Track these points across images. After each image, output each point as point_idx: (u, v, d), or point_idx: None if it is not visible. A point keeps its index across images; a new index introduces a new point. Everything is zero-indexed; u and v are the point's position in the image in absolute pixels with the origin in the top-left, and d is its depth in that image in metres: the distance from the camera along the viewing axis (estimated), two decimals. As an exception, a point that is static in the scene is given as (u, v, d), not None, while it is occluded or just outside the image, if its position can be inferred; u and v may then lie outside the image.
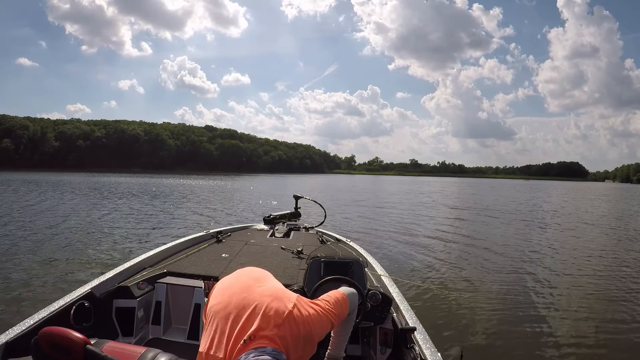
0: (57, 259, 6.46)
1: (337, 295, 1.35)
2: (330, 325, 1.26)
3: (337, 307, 1.30)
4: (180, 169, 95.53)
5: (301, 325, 1.11)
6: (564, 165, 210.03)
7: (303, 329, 1.11)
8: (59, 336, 1.15)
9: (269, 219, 4.72)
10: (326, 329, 1.24)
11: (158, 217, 12.31)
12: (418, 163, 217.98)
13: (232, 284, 1.24)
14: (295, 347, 1.07)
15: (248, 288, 1.19)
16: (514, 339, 3.99)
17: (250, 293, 1.16)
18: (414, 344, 1.91)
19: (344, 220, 12.65)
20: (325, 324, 1.23)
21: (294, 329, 1.08)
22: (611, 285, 5.96)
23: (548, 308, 4.88)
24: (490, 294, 5.37)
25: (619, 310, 4.89)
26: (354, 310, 1.48)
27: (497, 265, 7.11)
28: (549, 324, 4.37)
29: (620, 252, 8.78)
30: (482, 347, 3.80)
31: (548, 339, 4.00)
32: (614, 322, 4.49)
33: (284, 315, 1.08)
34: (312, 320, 1.16)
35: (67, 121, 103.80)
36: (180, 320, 2.63)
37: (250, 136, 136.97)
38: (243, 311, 1.09)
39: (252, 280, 1.25)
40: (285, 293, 1.20)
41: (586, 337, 4.10)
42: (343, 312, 1.35)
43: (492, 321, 4.39)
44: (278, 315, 1.07)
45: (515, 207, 20.62)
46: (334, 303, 1.30)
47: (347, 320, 1.50)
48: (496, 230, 11.78)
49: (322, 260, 2.28)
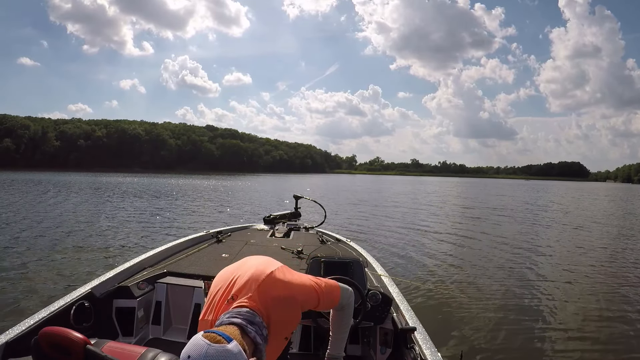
0: (57, 258, 6.47)
1: (328, 280, 1.38)
2: (316, 295, 1.27)
3: (325, 286, 1.32)
4: (181, 169, 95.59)
5: (281, 286, 1.17)
6: (565, 165, 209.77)
7: (284, 290, 1.17)
8: (59, 336, 1.15)
9: (269, 219, 4.72)
10: (310, 297, 1.26)
11: (158, 217, 12.33)
12: (419, 163, 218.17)
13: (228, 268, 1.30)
14: (276, 308, 1.12)
15: (240, 264, 1.27)
16: (515, 339, 3.99)
17: (243, 264, 1.24)
18: (414, 344, 1.91)
19: (344, 220, 12.65)
20: (308, 291, 1.26)
21: (273, 289, 1.14)
22: (615, 287, 5.93)
23: (549, 308, 4.88)
24: (490, 293, 5.37)
25: (622, 311, 4.87)
26: (349, 306, 1.46)
27: (498, 265, 7.10)
28: (550, 324, 4.37)
29: (628, 253, 8.72)
30: (482, 347, 3.79)
31: (549, 339, 3.99)
32: (616, 323, 4.48)
33: (264, 276, 1.15)
34: (294, 284, 1.22)
35: (67, 121, 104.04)
36: (181, 320, 2.63)
37: (251, 136, 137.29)
38: (232, 278, 1.17)
39: (245, 259, 1.32)
40: (271, 260, 1.27)
41: (587, 337, 4.10)
42: (332, 296, 1.35)
43: (493, 321, 4.38)
44: (259, 276, 1.15)
45: (517, 207, 20.60)
46: (322, 280, 1.34)
47: (344, 317, 1.49)
48: (497, 230, 11.76)
49: (322, 260, 2.28)
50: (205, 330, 0.92)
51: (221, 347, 0.86)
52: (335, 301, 1.38)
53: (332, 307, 1.42)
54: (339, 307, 1.43)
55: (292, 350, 2.44)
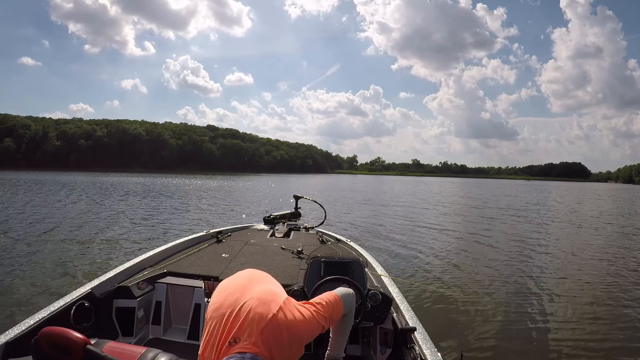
0: (57, 258, 6.47)
1: (330, 298, 1.35)
2: (320, 328, 1.26)
3: (328, 310, 1.30)
4: (182, 169, 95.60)
5: (285, 329, 1.12)
6: (566, 166, 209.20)
7: (287, 332, 1.13)
8: (59, 336, 1.15)
9: (269, 219, 4.72)
10: (315, 332, 1.24)
11: (158, 217, 12.33)
12: (420, 163, 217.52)
13: (230, 285, 1.26)
14: (280, 350, 1.10)
15: (242, 289, 1.22)
16: (515, 339, 3.98)
17: (242, 294, 1.19)
18: (414, 344, 1.91)
19: (344, 220, 12.64)
20: (313, 327, 1.23)
21: (277, 333, 1.10)
22: (618, 287, 5.89)
23: (550, 308, 4.87)
24: (491, 293, 5.36)
25: (624, 312, 4.86)
26: (351, 311, 1.47)
27: (498, 265, 7.08)
28: (551, 324, 4.36)
29: (631, 255, 8.69)
30: (482, 347, 3.79)
31: (549, 340, 3.98)
32: (617, 324, 4.47)
33: (266, 319, 1.10)
34: (298, 324, 1.17)
35: (68, 120, 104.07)
36: (181, 320, 2.63)
37: (252, 136, 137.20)
38: (232, 313, 1.12)
39: (248, 281, 1.27)
40: (274, 296, 1.21)
41: (588, 337, 4.09)
42: (336, 313, 1.35)
43: (493, 321, 4.38)
44: (262, 319, 1.10)
45: (518, 207, 20.57)
46: (325, 305, 1.31)
47: (345, 320, 1.50)
48: (499, 230, 11.75)
49: (322, 260, 2.28)
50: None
51: None
52: (339, 316, 1.38)
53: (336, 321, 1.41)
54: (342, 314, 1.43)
55: None
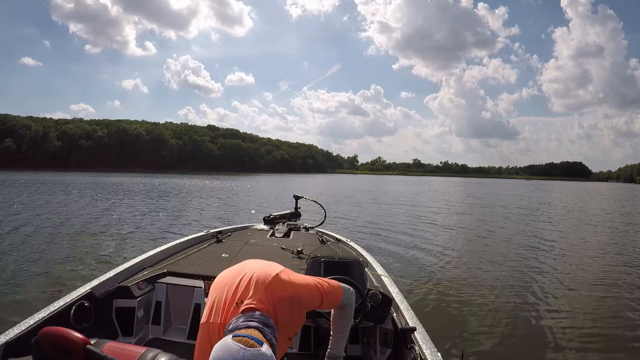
0: (57, 258, 6.48)
1: (331, 281, 1.41)
2: (319, 297, 1.31)
3: (327, 287, 1.36)
4: (182, 169, 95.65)
5: (288, 287, 1.20)
6: (567, 165, 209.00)
7: (290, 290, 1.20)
8: (59, 336, 1.16)
9: (269, 219, 4.72)
10: (314, 298, 1.30)
11: (158, 217, 12.35)
12: (421, 163, 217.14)
13: (228, 270, 1.31)
14: (283, 309, 1.15)
15: (241, 267, 1.28)
16: (515, 339, 3.98)
17: (242, 270, 1.25)
18: (414, 344, 1.92)
19: (344, 221, 12.65)
20: (312, 291, 1.29)
21: (280, 291, 1.17)
22: (620, 288, 5.88)
23: (550, 308, 4.87)
24: (491, 293, 5.36)
25: (626, 313, 4.85)
26: (351, 304, 1.49)
27: (498, 265, 7.09)
28: (551, 324, 4.35)
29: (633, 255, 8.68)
30: (482, 347, 3.79)
31: (549, 340, 3.98)
32: (618, 324, 4.47)
33: (270, 278, 1.18)
34: (299, 284, 1.25)
35: (69, 121, 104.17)
36: (180, 320, 2.64)
37: (253, 136, 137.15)
38: (237, 280, 1.18)
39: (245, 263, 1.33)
40: (274, 264, 1.29)
41: (589, 337, 4.08)
42: (334, 296, 1.39)
43: (493, 321, 4.38)
44: (266, 278, 1.17)
45: (520, 207, 20.57)
46: (325, 281, 1.37)
47: (344, 315, 1.52)
48: (499, 230, 11.75)
49: (322, 260, 2.28)
50: (234, 334, 0.93)
51: (256, 351, 0.89)
52: (338, 300, 1.42)
53: (334, 306, 1.46)
54: (341, 306, 1.46)
55: (292, 350, 2.45)
